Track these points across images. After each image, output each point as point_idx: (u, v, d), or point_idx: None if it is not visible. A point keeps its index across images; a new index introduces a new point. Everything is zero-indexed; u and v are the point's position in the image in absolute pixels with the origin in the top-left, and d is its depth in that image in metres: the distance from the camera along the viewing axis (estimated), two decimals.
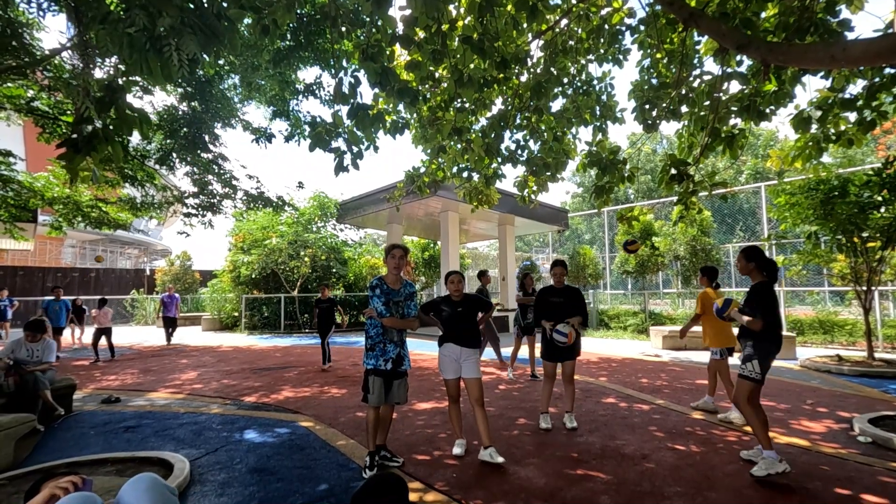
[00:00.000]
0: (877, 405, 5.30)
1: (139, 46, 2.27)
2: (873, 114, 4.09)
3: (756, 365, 3.48)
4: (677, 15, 3.07)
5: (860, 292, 7.93)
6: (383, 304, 3.63)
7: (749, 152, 30.10)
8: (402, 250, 3.77)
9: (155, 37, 2.29)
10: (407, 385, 3.76)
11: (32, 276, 22.41)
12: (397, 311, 3.68)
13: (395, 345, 3.67)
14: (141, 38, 2.27)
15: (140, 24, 2.24)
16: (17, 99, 7.97)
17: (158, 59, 2.31)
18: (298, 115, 9.08)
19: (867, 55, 2.28)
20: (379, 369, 3.60)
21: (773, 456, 3.29)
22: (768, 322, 3.49)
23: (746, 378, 3.52)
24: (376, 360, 3.61)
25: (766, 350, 3.51)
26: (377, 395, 3.58)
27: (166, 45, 2.30)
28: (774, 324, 3.51)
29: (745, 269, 3.75)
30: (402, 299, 3.73)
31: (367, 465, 3.54)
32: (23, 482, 3.25)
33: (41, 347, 5.27)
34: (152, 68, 2.31)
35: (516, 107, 5.45)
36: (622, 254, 14.25)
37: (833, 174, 7.44)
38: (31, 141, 20.83)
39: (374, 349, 3.64)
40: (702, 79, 4.85)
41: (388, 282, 3.73)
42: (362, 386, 3.71)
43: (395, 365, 3.64)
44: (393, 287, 3.73)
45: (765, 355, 3.50)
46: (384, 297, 3.65)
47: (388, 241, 16.87)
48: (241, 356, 10.27)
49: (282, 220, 17.01)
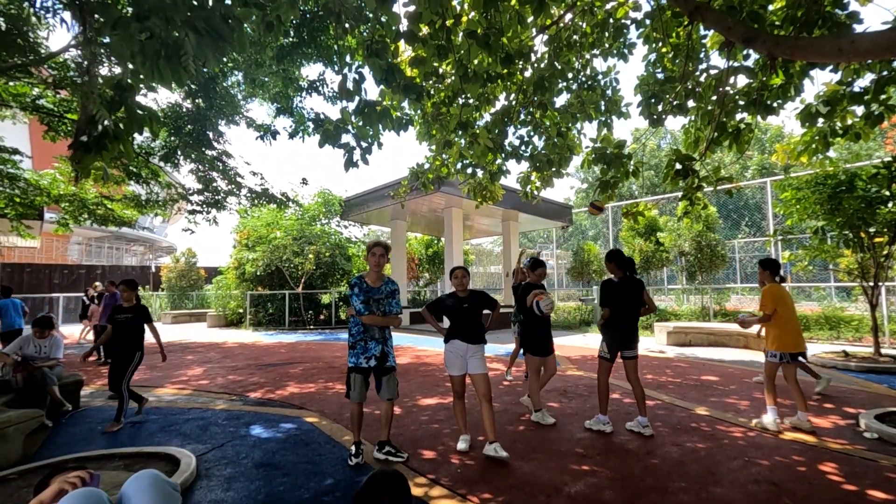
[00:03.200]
0: (883, 401, 5.27)
1: (151, 53, 2.27)
2: (881, 108, 4.04)
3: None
4: (683, 8, 3.05)
5: (867, 288, 7.87)
6: (362, 303, 3.67)
7: (755, 147, 29.91)
8: (382, 248, 3.81)
9: (167, 43, 2.29)
10: (396, 380, 3.82)
11: (39, 273, 22.58)
12: (378, 308, 3.72)
13: (378, 342, 3.73)
14: (153, 45, 2.27)
15: (154, 32, 2.24)
16: (22, 97, 8.00)
17: (169, 64, 2.31)
18: (302, 111, 9.07)
19: (876, 48, 2.26)
20: (360, 367, 3.68)
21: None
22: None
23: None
24: (357, 357, 3.69)
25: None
26: (358, 392, 3.69)
27: (183, 54, 2.30)
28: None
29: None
30: (384, 297, 3.77)
31: (352, 453, 3.65)
32: (32, 477, 3.29)
33: (49, 344, 5.31)
34: (164, 74, 2.32)
35: (520, 102, 5.43)
36: (626, 250, 14.19)
37: (840, 169, 7.38)
38: (36, 138, 20.93)
39: (355, 347, 3.72)
40: (708, 73, 4.81)
41: (368, 280, 3.77)
42: (345, 382, 3.80)
43: (380, 362, 3.71)
44: (373, 285, 3.76)
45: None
46: (363, 295, 3.69)
47: (392, 238, 16.88)
48: (247, 352, 10.32)
49: (286, 216, 17.05)
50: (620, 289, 4.42)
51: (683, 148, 5.06)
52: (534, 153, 5.85)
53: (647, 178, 32.40)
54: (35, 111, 8.31)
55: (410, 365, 8.19)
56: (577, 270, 16.48)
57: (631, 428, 4.31)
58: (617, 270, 4.48)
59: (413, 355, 9.35)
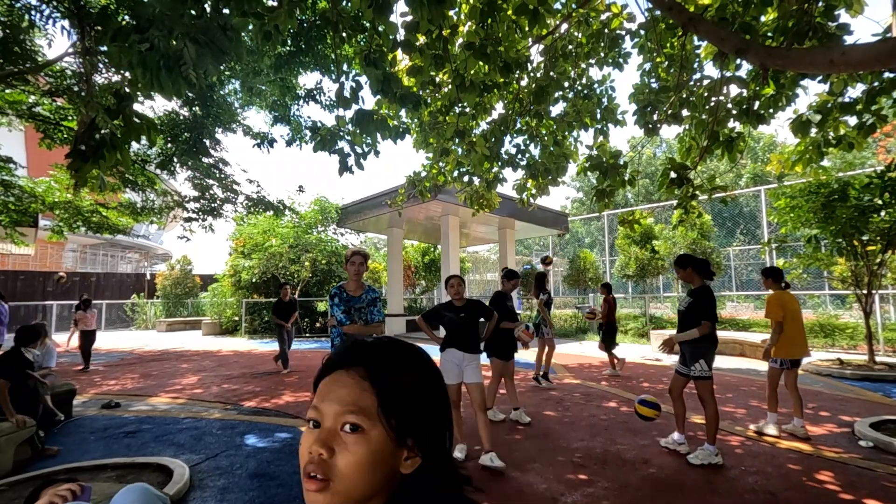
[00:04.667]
0: (878, 409, 5.28)
1: (151, 64, 2.28)
2: (873, 117, 4.09)
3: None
4: (676, 19, 3.09)
5: (861, 296, 7.92)
6: (343, 313, 3.65)
7: (749, 156, 30.14)
8: (361, 256, 3.78)
9: (167, 55, 2.30)
10: None
11: (33, 280, 22.40)
12: (360, 317, 3.69)
13: None
14: (153, 56, 2.28)
15: (153, 43, 2.25)
16: (18, 104, 7.99)
17: (169, 76, 2.32)
18: (299, 119, 9.10)
19: (866, 59, 2.29)
20: None
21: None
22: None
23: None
24: None
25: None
26: None
27: (183, 64, 2.31)
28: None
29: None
30: (364, 305, 3.74)
31: None
32: (22, 488, 3.24)
33: (41, 352, 5.26)
34: (164, 85, 2.33)
35: (517, 111, 5.47)
36: (622, 257, 14.24)
37: (833, 178, 7.45)
38: (32, 146, 20.87)
39: None
40: (701, 83, 4.86)
41: (348, 289, 3.74)
42: None
43: None
44: (353, 294, 3.73)
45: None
46: (343, 304, 3.66)
47: (388, 246, 16.87)
48: (242, 360, 10.25)
49: (283, 223, 17.03)
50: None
51: (678, 157, 5.10)
52: (530, 161, 5.87)
53: (642, 186, 32.57)
54: (31, 119, 8.29)
55: None
56: (573, 278, 16.49)
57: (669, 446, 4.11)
58: (696, 278, 4.00)
59: None
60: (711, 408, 3.76)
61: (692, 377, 3.82)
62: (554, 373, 7.52)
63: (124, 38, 2.25)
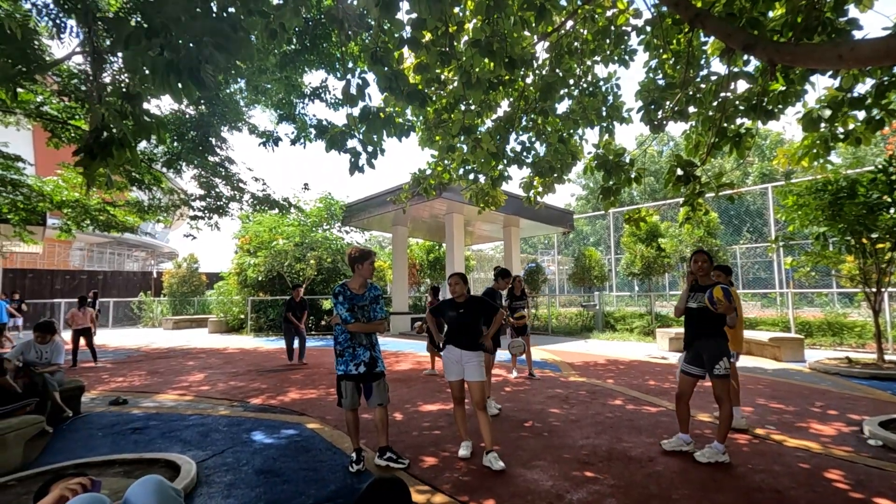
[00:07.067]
0: (887, 408, 5.24)
1: (163, 68, 2.29)
2: (882, 112, 4.05)
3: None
4: (683, 15, 3.06)
5: (869, 294, 7.85)
6: (347, 310, 3.69)
7: (756, 153, 29.92)
8: (373, 256, 3.92)
9: (178, 60, 2.32)
10: (386, 385, 3.82)
11: (41, 278, 22.61)
12: (363, 315, 3.75)
13: (366, 348, 3.74)
14: (164, 61, 2.29)
15: (165, 47, 2.26)
16: (26, 104, 8.05)
17: (179, 79, 2.34)
18: (305, 118, 9.12)
19: (876, 55, 2.26)
20: (350, 374, 3.69)
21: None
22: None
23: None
24: (346, 365, 3.70)
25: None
26: (350, 399, 3.70)
27: (196, 67, 2.33)
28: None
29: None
30: (367, 303, 3.79)
31: (353, 460, 3.64)
32: (32, 483, 3.28)
33: (50, 349, 5.31)
34: (174, 88, 2.34)
35: (522, 109, 5.45)
36: (628, 255, 14.19)
37: (841, 175, 7.38)
38: (40, 145, 21.04)
39: (343, 354, 3.73)
40: (708, 79, 4.83)
41: (351, 287, 3.78)
42: (336, 391, 3.81)
43: (369, 368, 3.72)
44: (357, 292, 3.78)
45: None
46: (347, 302, 3.70)
47: (393, 244, 16.89)
48: (248, 358, 10.31)
49: (288, 221, 17.08)
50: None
51: (685, 154, 5.07)
52: (536, 159, 5.86)
53: (647, 183, 32.41)
54: (39, 118, 8.35)
55: (412, 371, 8.16)
56: (578, 276, 16.46)
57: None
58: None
59: (414, 361, 9.33)
60: (727, 407, 3.72)
61: (716, 376, 3.75)
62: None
63: (137, 42, 2.27)
